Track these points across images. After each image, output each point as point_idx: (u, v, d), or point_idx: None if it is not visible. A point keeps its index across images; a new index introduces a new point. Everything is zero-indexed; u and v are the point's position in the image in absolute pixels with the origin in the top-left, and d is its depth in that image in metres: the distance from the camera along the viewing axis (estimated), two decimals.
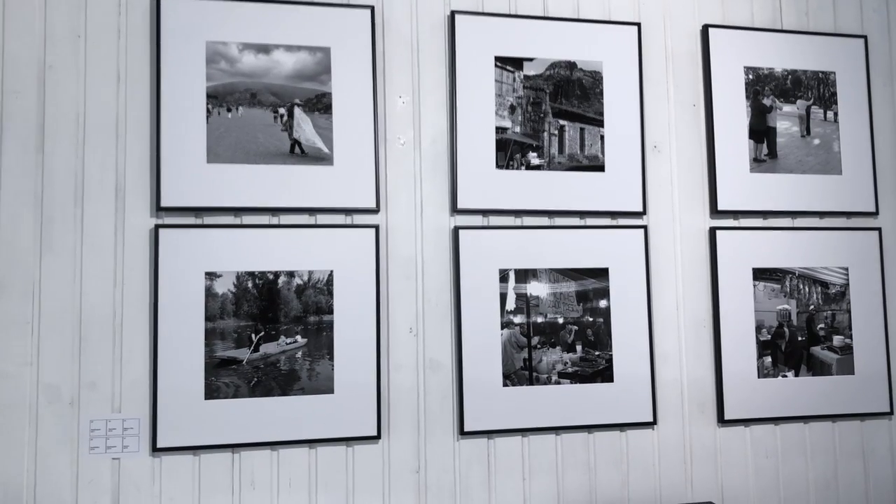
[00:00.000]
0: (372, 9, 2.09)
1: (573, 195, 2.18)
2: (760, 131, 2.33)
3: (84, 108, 1.94)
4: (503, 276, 2.11)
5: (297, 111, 2.02)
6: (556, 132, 2.19)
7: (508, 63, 2.17)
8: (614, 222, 2.21)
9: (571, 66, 2.21)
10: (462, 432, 2.05)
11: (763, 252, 2.29)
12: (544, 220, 2.17)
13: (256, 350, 1.96)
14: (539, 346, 2.12)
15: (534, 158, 2.17)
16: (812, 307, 2.32)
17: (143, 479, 1.89)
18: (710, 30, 2.32)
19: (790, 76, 2.37)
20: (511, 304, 2.11)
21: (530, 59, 2.19)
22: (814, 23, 2.43)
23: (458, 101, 2.12)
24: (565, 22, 2.22)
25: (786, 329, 2.29)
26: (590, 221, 2.20)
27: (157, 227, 1.92)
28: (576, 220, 2.19)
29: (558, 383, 2.12)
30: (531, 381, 2.10)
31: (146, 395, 1.91)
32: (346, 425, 1.98)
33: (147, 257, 1.94)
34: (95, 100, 1.95)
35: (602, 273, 2.17)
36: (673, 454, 2.20)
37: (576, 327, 2.15)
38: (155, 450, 1.88)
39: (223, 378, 1.93)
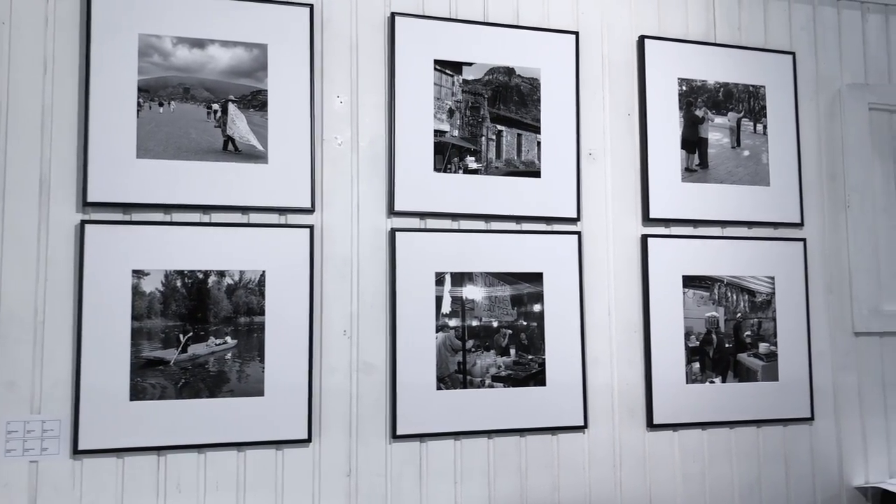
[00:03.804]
0: (311, 7, 2.07)
1: (510, 200, 2.19)
2: (692, 142, 2.38)
3: (7, 97, 1.86)
4: (439, 279, 2.11)
5: (232, 107, 1.99)
6: (494, 137, 2.20)
7: (448, 67, 2.18)
8: (549, 228, 2.23)
9: (510, 71, 2.23)
10: (394, 436, 2.04)
11: (693, 260, 2.34)
12: (481, 224, 2.18)
13: (185, 351, 1.91)
14: (473, 349, 2.12)
15: (471, 162, 2.17)
16: (739, 315, 2.37)
17: (63, 481, 1.83)
18: (646, 41, 2.36)
19: (722, 89, 2.43)
20: (447, 307, 2.11)
21: (469, 64, 2.20)
22: (746, 38, 2.50)
23: (396, 103, 2.12)
24: (504, 28, 2.23)
25: (714, 336, 2.34)
26: (525, 226, 2.22)
27: (83, 222, 1.86)
28: (512, 225, 2.21)
29: (492, 387, 2.12)
30: (465, 385, 2.11)
31: (68, 396, 1.84)
32: (276, 428, 1.95)
33: (72, 253, 1.87)
34: (20, 89, 1.87)
35: (536, 277, 2.19)
36: (603, 458, 2.23)
37: (510, 331, 2.16)
38: (76, 452, 1.82)
39: (149, 379, 1.88)
